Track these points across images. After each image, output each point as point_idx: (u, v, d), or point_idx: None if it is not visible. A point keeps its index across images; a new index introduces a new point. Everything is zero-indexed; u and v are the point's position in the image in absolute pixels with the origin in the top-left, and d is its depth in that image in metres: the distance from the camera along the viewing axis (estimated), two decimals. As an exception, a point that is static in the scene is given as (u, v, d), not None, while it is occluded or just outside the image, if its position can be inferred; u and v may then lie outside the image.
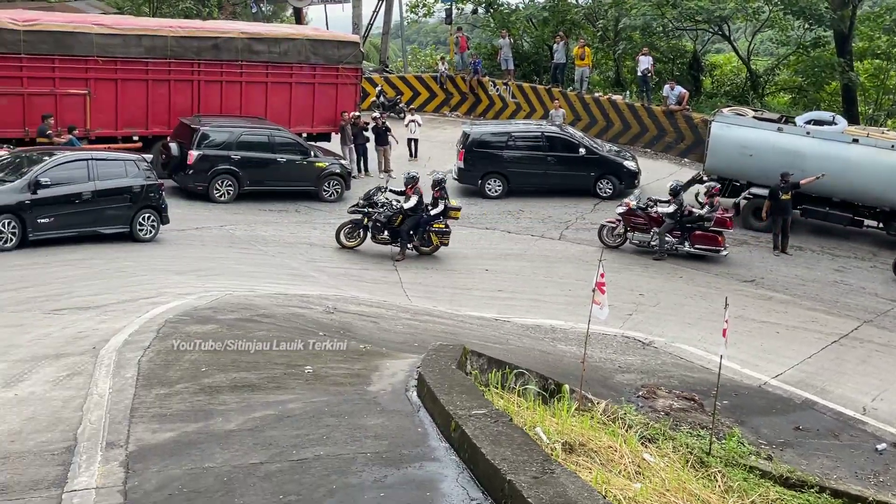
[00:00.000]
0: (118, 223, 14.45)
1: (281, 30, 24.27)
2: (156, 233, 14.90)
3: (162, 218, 15.05)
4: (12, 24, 17.94)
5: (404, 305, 12.28)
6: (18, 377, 6.40)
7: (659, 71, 28.08)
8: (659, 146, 25.22)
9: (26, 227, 13.14)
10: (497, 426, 4.48)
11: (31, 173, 13.47)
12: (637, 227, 16.53)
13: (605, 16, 30.92)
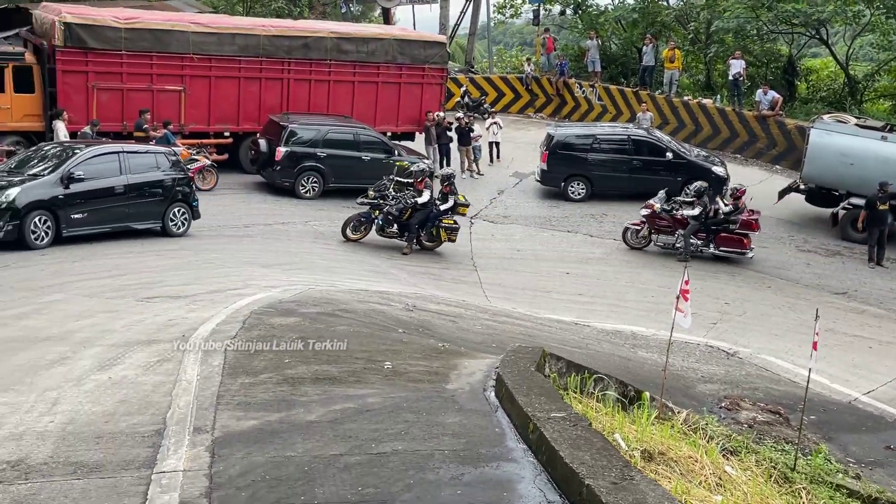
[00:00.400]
0: (150, 218, 14.11)
1: (369, 29, 24.59)
2: (187, 227, 14.59)
3: (193, 212, 14.75)
4: (114, 22, 18.68)
5: (483, 306, 12.29)
6: (112, 361, 6.65)
7: (751, 75, 27.36)
8: (749, 152, 24.55)
9: (60, 223, 12.70)
10: (576, 430, 4.44)
11: (63, 167, 12.99)
12: (661, 230, 16.37)
13: (696, 18, 30.25)
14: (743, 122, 24.69)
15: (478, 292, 13.50)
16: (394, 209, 15.02)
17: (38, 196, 12.49)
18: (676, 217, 16.16)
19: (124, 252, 12.82)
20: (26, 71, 18.21)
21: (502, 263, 15.52)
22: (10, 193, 12.28)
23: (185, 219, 14.52)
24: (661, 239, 16.43)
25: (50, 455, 4.71)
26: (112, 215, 13.53)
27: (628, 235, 16.78)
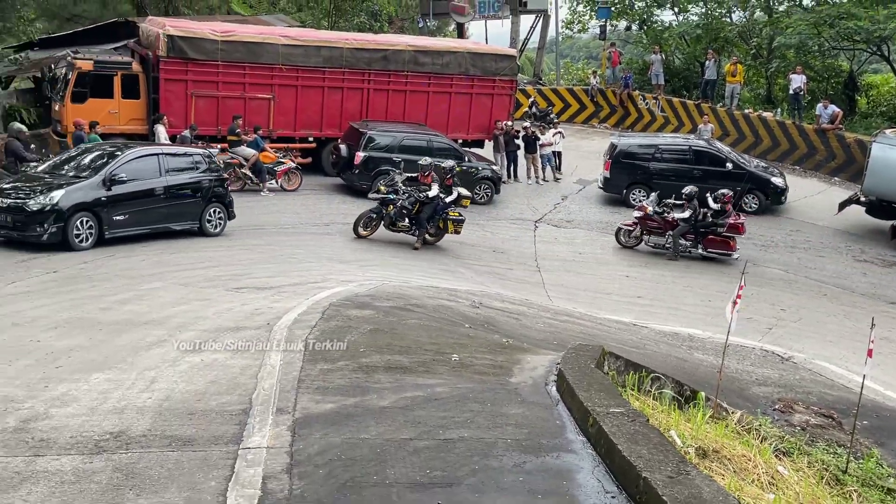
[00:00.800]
0: (188, 219, 13.62)
1: (444, 43, 24.69)
2: (223, 227, 14.14)
3: (229, 213, 14.28)
4: (212, 35, 19.17)
5: (545, 305, 12.22)
6: (204, 345, 6.82)
7: (812, 89, 26.53)
8: (809, 164, 23.80)
9: (102, 224, 12.18)
10: (634, 425, 4.39)
11: (105, 169, 12.44)
12: (652, 231, 16.31)
13: (759, 34, 29.52)
14: (802, 135, 23.97)
15: (540, 292, 13.43)
16: (406, 202, 14.50)
17: (81, 198, 11.98)
18: (667, 219, 16.19)
19: (216, 246, 13.15)
20: (133, 79, 18.84)
21: (564, 265, 15.40)
22: (55, 196, 11.80)
23: (220, 219, 14.11)
24: (651, 239, 16.46)
25: (148, 428, 4.87)
26: (152, 216, 13.04)
27: (621, 235, 16.77)
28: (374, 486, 4.03)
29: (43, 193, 11.86)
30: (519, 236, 16.98)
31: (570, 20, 36.45)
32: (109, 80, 18.57)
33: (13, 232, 11.75)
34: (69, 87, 18.33)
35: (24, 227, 11.68)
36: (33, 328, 7.33)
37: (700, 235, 16.18)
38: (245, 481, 4.13)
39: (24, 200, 11.74)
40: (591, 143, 25.43)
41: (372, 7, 33.84)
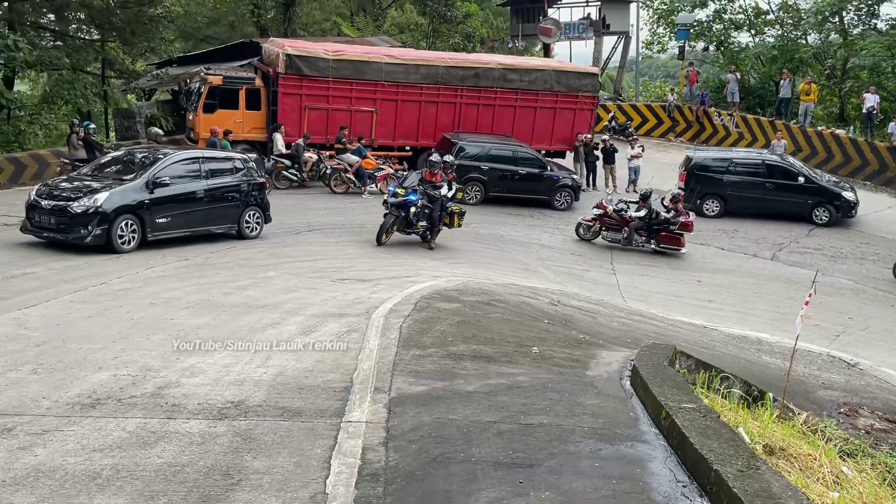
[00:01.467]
0: (228, 222, 12.81)
1: (531, 62, 24.55)
2: (260, 230, 13.30)
3: (266, 216, 13.45)
4: (325, 54, 19.64)
5: (620, 305, 11.99)
6: (312, 328, 7.00)
7: (885, 109, 25.15)
8: (879, 180, 22.60)
9: (145, 227, 11.36)
10: (705, 420, 4.26)
11: (148, 172, 11.61)
12: (610, 227, 16.28)
13: (833, 55, 28.20)
14: (874, 152, 22.75)
15: (615, 293, 13.19)
16: (425, 202, 13.29)
17: (124, 201, 11.14)
18: (624, 217, 16.14)
19: (323, 241, 13.45)
20: (255, 92, 19.50)
21: (639, 269, 15.06)
22: (98, 198, 10.96)
23: (258, 222, 13.31)
24: (609, 235, 16.37)
25: (263, 399, 5.03)
26: (193, 219, 12.21)
27: (580, 230, 16.75)
28: (461, 463, 4.04)
29: (87, 196, 11.02)
30: (597, 241, 16.70)
31: (649, 41, 35.71)
32: (235, 94, 19.27)
33: (57, 234, 10.93)
34: (201, 99, 19.12)
35: (68, 228, 10.84)
36: (168, 308, 7.67)
37: (653, 232, 16.20)
38: (346, 451, 4.21)
39: (68, 202, 10.93)
40: (667, 155, 24.80)
41: (466, 29, 33.93)
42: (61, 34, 22.88)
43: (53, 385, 5.15)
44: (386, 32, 33.73)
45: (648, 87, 40.54)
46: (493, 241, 15.67)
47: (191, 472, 3.91)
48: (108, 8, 20.97)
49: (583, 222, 16.83)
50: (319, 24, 34.91)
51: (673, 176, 20.41)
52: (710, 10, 32.21)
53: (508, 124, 21.33)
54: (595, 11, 34.59)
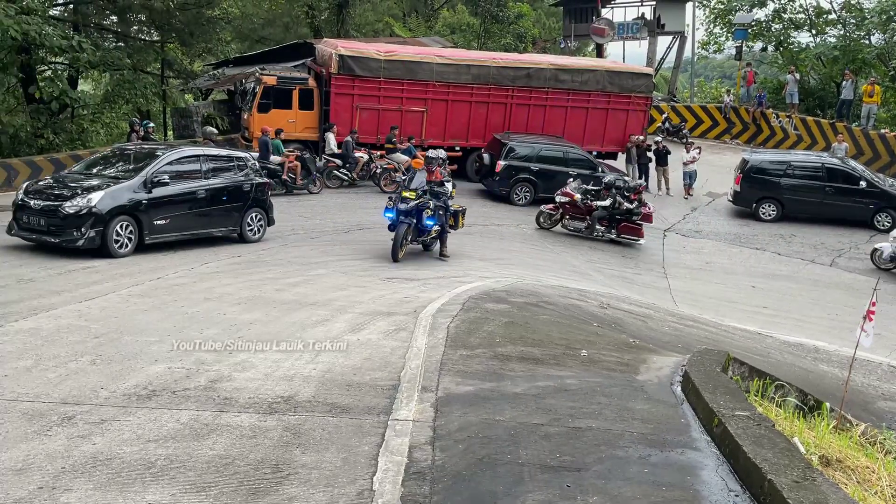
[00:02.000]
0: (230, 224, 12.07)
1: (583, 62, 24.32)
2: (262, 233, 12.57)
3: (269, 218, 12.69)
4: (377, 55, 19.80)
5: (671, 310, 11.78)
6: (360, 326, 7.06)
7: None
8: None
9: (143, 229, 10.56)
10: (759, 429, 4.15)
11: (146, 170, 10.75)
12: (574, 216, 16.23)
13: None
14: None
15: (667, 297, 12.98)
16: (437, 204, 11.79)
17: (121, 201, 10.33)
18: (591, 206, 15.88)
19: (372, 240, 13.54)
20: (308, 92, 19.76)
21: (691, 273, 14.80)
22: (93, 198, 10.10)
23: (260, 224, 12.58)
24: (572, 224, 16.15)
25: (312, 395, 5.09)
26: (194, 221, 11.44)
27: (541, 219, 16.48)
28: (508, 465, 4.02)
29: (80, 195, 10.18)
30: (648, 244, 16.47)
31: (706, 41, 35.01)
32: (289, 94, 19.56)
33: (47, 236, 10.11)
34: (256, 98, 19.47)
35: (60, 231, 10.01)
36: (221, 303, 7.84)
37: (615, 222, 16.10)
38: (394, 449, 4.23)
39: (60, 202, 10.11)
40: (723, 158, 24.29)
41: (518, 30, 33.81)
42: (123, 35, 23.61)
43: (111, 376, 5.31)
44: (437, 33, 33.85)
45: (704, 88, 39.74)
46: (542, 242, 15.57)
47: (241, 465, 3.98)
48: (168, 10, 21.54)
49: (543, 210, 16.53)
50: (372, 24, 35.23)
51: (728, 179, 19.98)
52: (769, 9, 31.47)
53: (559, 125, 21.17)
54: (650, 11, 34.07)
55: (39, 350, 5.84)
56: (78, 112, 22.02)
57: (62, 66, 21.96)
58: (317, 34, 30.04)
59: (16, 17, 16.89)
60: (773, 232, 18.02)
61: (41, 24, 17.86)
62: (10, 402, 4.73)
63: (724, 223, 18.86)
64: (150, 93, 21.78)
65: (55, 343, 6.06)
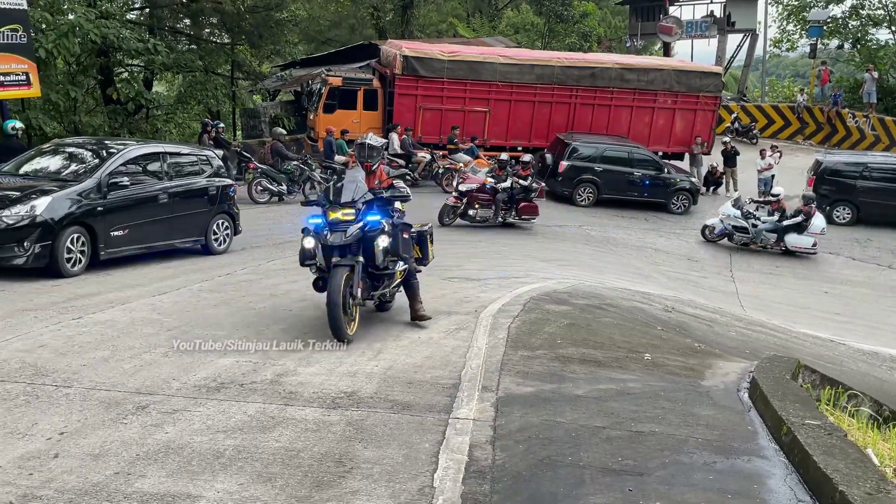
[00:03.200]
0: (195, 234, 10.47)
1: (650, 61, 23.96)
2: (229, 243, 11.08)
3: (235, 227, 11.22)
4: (440, 55, 19.92)
5: (738, 314, 11.48)
6: (421, 325, 7.12)
7: None
8: None
9: (97, 242, 8.79)
10: (831, 439, 4.02)
11: (100, 170, 9.03)
12: (482, 204, 15.02)
13: None
14: None
15: (734, 302, 12.65)
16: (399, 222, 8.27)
17: (71, 208, 8.55)
18: (497, 189, 15.08)
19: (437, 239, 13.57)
20: (372, 93, 20.04)
21: (759, 278, 14.38)
22: (38, 205, 8.30)
23: (227, 234, 11.05)
24: (481, 213, 15.05)
25: (374, 392, 5.16)
26: (155, 231, 9.74)
27: (445, 217, 14.84)
28: (569, 467, 4.00)
29: (22, 202, 8.36)
30: (714, 247, 16.09)
31: (778, 39, 33.98)
32: (354, 94, 19.88)
33: None
34: (322, 99, 19.85)
35: None
36: (287, 299, 8.01)
37: (514, 203, 15.27)
38: (454, 447, 4.26)
39: None
40: (795, 159, 23.52)
41: (583, 29, 33.47)
42: (195, 38, 24.36)
43: (183, 368, 5.50)
44: (501, 33, 33.80)
45: (775, 87, 38.56)
46: (605, 243, 15.39)
47: (306, 458, 4.07)
48: (239, 13, 22.13)
49: (447, 205, 15.03)
50: (436, 25, 35.42)
51: (800, 180, 19.35)
52: (845, 5, 30.41)
53: (624, 125, 20.91)
54: (719, 8, 33.24)
55: (115, 341, 6.10)
56: (152, 112, 22.82)
57: (138, 68, 22.80)
58: (381, 35, 30.38)
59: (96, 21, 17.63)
60: (847, 236, 17.38)
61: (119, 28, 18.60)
62: (88, 391, 4.95)
63: (795, 226, 18.24)
64: (221, 94, 22.41)
65: (130, 335, 6.31)
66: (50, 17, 16.98)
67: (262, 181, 16.01)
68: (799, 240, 15.73)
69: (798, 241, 15.72)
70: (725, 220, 16.04)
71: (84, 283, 8.34)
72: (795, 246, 15.76)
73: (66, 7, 17.93)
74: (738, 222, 15.90)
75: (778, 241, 15.80)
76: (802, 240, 15.70)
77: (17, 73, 14.78)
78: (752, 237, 15.82)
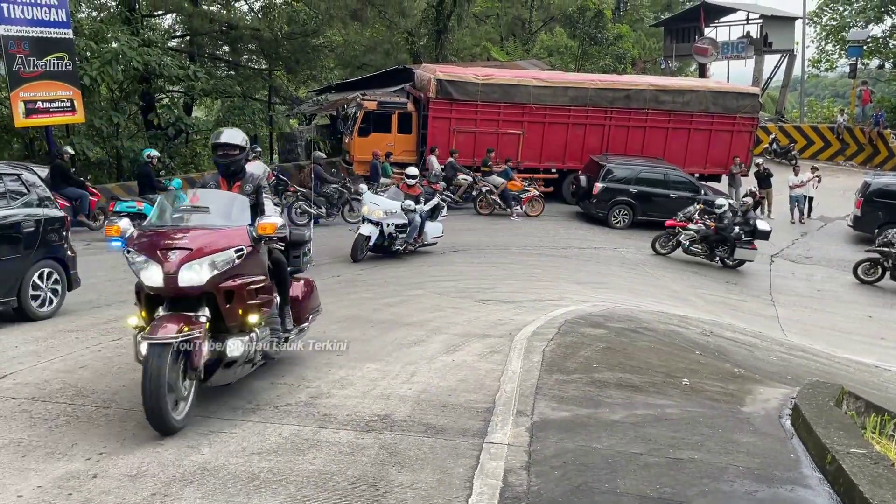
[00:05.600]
0: (2, 291, 7.25)
1: (685, 82, 23.83)
2: (59, 303, 7.98)
3: (69, 277, 8.13)
4: (474, 78, 20.05)
5: (779, 339, 11.23)
6: (455, 347, 7.10)
7: None
8: None
9: None
10: (877, 468, 3.90)
11: None
12: None
13: None
14: None
15: (774, 326, 12.38)
16: None
17: None
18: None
19: (468, 262, 13.62)
20: (407, 117, 20.22)
21: (801, 301, 14.08)
22: None
23: (55, 288, 7.93)
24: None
25: (408, 415, 5.15)
26: None
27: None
28: (605, 493, 3.93)
29: None
30: (754, 269, 15.82)
31: (817, 59, 33.58)
32: (388, 118, 20.08)
33: None
34: (357, 123, 20.08)
35: None
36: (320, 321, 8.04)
37: None
38: (489, 472, 4.22)
39: None
40: (836, 180, 23.11)
41: (617, 51, 33.45)
42: (234, 64, 24.91)
43: (218, 389, 5.54)
44: (535, 56, 33.93)
45: (814, 108, 38.03)
46: (640, 266, 15.22)
47: (339, 481, 4.07)
48: (276, 39, 22.58)
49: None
50: (470, 49, 35.70)
51: (841, 202, 18.99)
52: (886, 24, 29.93)
53: (660, 147, 20.76)
54: (756, 29, 32.98)
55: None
56: (192, 138, 23.34)
57: (178, 93, 23.37)
58: (416, 59, 30.71)
59: (138, 49, 18.15)
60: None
61: (160, 55, 19.11)
62: (126, 412, 5.03)
63: (838, 249, 17.90)
64: (258, 118, 22.82)
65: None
66: (95, 45, 17.53)
67: (301, 204, 16.23)
68: None
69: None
70: None
71: (124, 307, 8.49)
72: None
73: (109, 35, 18.48)
74: None
75: None
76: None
77: (63, 99, 15.30)
78: None
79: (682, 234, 15.69)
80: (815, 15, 33.25)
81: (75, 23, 17.07)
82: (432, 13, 31.61)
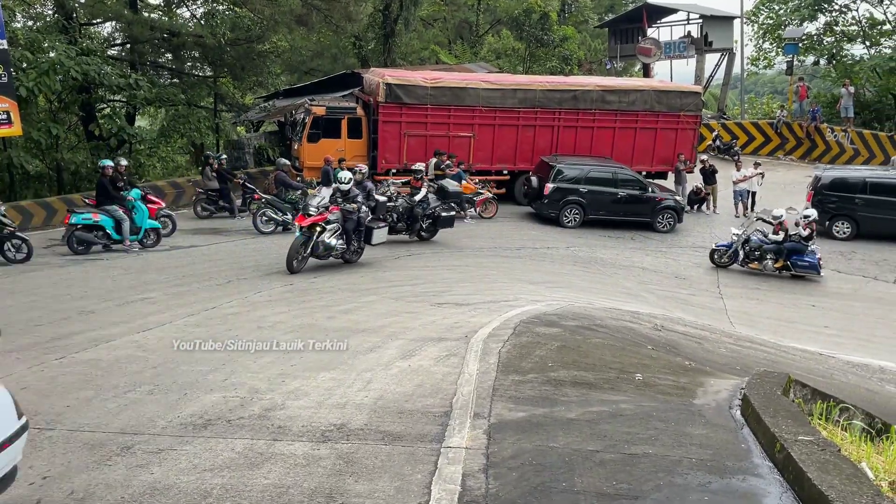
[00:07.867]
0: None
1: (630, 82, 24.18)
2: None
3: None
4: (423, 82, 20.03)
5: (728, 331, 11.47)
6: (411, 352, 7.05)
7: None
8: None
9: None
10: (824, 454, 4.00)
11: None
12: None
13: (962, 62, 26.33)
14: None
15: (722, 318, 12.65)
16: None
17: None
18: None
19: (422, 265, 13.59)
20: (357, 121, 20.09)
21: (747, 293, 14.41)
22: None
23: None
24: None
25: (365, 423, 5.09)
26: None
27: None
28: (563, 493, 3.95)
29: None
30: (701, 264, 16.15)
31: (755, 57, 34.49)
32: (338, 123, 19.92)
33: None
34: (306, 129, 19.87)
35: None
36: (274, 331, 7.94)
37: None
38: (447, 477, 4.20)
39: None
40: (776, 174, 23.75)
41: (563, 52, 33.85)
42: (178, 72, 24.42)
43: (168, 405, 5.41)
44: (483, 59, 34.10)
45: (755, 105, 39.10)
46: (593, 264, 15.39)
47: (296, 494, 4.00)
48: (220, 46, 22.22)
49: None
50: (418, 52, 35.70)
51: (783, 196, 19.52)
52: (820, 22, 30.90)
53: (607, 146, 21.04)
54: (696, 29, 33.74)
55: (99, 380, 6.00)
56: (135, 147, 22.80)
57: (120, 103, 22.81)
58: (364, 64, 30.58)
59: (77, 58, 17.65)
60: (837, 250, 17.50)
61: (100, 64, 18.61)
62: (71, 433, 4.86)
63: (781, 241, 18.34)
64: (204, 126, 22.43)
65: (114, 373, 6.22)
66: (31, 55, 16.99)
67: (267, 211, 16.00)
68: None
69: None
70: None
71: (67, 324, 8.24)
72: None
73: (46, 45, 17.94)
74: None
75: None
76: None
77: (-2, 112, 14.76)
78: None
79: None
80: (753, 14, 34.16)
81: (10, 33, 16.52)
82: (379, 17, 31.52)
